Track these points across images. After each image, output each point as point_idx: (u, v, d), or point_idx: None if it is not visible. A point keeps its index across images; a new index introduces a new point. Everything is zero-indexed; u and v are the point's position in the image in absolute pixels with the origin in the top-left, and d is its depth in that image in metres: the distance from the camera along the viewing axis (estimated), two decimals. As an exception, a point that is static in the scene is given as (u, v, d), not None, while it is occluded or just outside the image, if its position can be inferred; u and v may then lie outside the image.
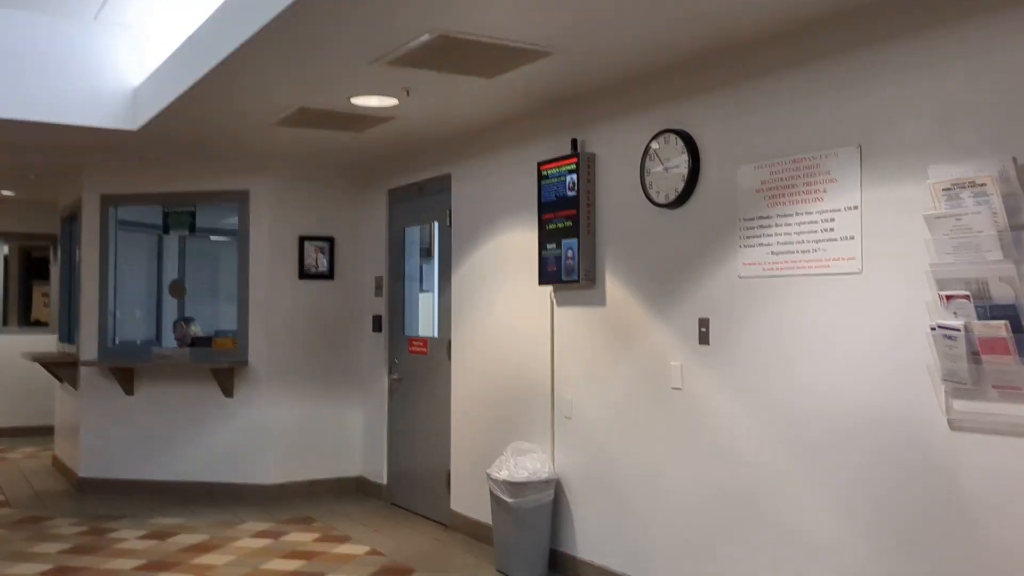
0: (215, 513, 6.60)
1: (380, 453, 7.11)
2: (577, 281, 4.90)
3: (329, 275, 7.37)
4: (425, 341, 6.64)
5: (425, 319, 6.93)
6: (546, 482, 5.02)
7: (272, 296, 7.16)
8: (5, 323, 12.73)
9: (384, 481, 7.05)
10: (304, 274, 7.29)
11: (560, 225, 5.04)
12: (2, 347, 10.43)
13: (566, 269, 4.98)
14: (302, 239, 7.28)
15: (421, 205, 6.76)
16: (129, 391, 7.30)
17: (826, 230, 3.68)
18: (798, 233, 3.80)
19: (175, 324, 8.35)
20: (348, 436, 7.39)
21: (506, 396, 5.62)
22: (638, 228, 4.63)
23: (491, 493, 5.16)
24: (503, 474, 5.05)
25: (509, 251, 5.64)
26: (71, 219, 8.38)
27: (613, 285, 4.79)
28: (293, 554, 5.51)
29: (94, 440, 7.37)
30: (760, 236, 3.95)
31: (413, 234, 7.03)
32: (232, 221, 9.03)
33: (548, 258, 5.14)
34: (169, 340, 8.51)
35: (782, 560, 3.79)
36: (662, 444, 4.43)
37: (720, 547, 4.08)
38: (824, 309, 3.66)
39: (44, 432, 10.35)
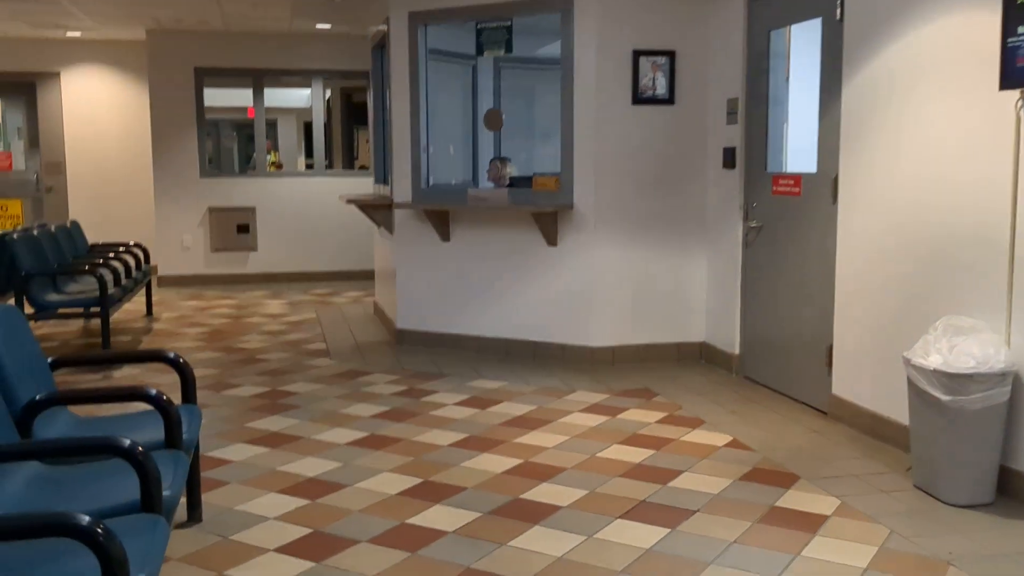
0: (540, 377, 5.75)
1: (731, 316, 5.84)
2: (1079, 76, 3.17)
3: (668, 99, 6.01)
4: (796, 179, 5.16)
5: (797, 150, 5.42)
6: (1000, 375, 3.49)
7: (601, 126, 5.96)
8: (330, 166, 12.83)
9: (736, 350, 5.80)
10: (638, 98, 5.99)
11: (1051, -10, 3.28)
12: (326, 190, 10.30)
13: (1058, 59, 3.25)
14: (636, 54, 5.94)
15: (795, -2, 5.15)
16: (445, 236, 6.55)
17: None
18: None
19: (491, 163, 7.54)
20: (690, 294, 6.18)
21: (930, 251, 4.05)
22: None
23: (910, 383, 3.72)
24: (933, 360, 3.58)
25: (940, 45, 3.94)
26: (380, 48, 7.64)
27: None
28: (635, 439, 4.46)
29: (410, 289, 6.77)
30: None
31: (780, 42, 5.44)
32: (551, 50, 8.03)
33: (1018, 47, 3.42)
34: (485, 181, 7.75)
35: None
36: None
37: None
38: None
39: (369, 276, 10.20)
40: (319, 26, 9.73)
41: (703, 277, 6.17)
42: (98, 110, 10.81)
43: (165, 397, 2.83)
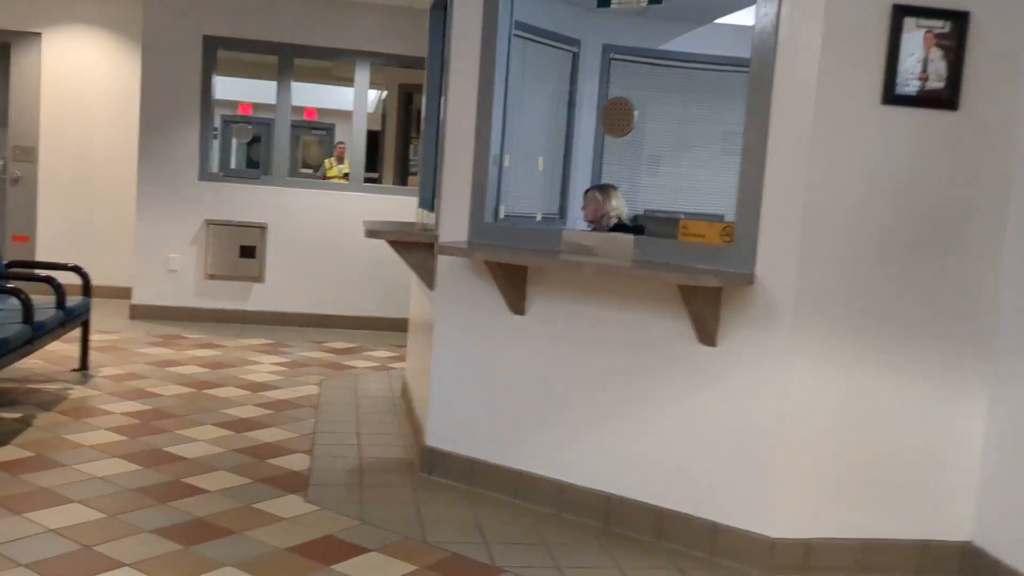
0: (674, 597, 3.06)
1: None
2: None
3: (949, 99, 3.29)
4: None
5: None
6: None
7: (822, 140, 3.27)
8: (377, 180, 10.30)
9: (1060, 587, 3.03)
10: (895, 94, 3.27)
11: None
12: (362, 210, 7.67)
13: None
14: (899, 11, 3.24)
15: None
16: (517, 307, 3.89)
17: None
18: None
19: (586, 194, 5.11)
20: (954, 457, 3.41)
21: None
22: None
23: None
24: None
25: None
26: (443, 9, 5.07)
27: None
28: None
29: (452, 387, 4.12)
30: None
31: None
32: (683, 43, 5.92)
33: None
34: (578, 220, 5.26)
35: None
36: None
37: None
38: None
39: (407, 330, 7.57)
40: (368, -10, 7.24)
41: (977, 429, 3.40)
42: (83, 84, 8.43)
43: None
